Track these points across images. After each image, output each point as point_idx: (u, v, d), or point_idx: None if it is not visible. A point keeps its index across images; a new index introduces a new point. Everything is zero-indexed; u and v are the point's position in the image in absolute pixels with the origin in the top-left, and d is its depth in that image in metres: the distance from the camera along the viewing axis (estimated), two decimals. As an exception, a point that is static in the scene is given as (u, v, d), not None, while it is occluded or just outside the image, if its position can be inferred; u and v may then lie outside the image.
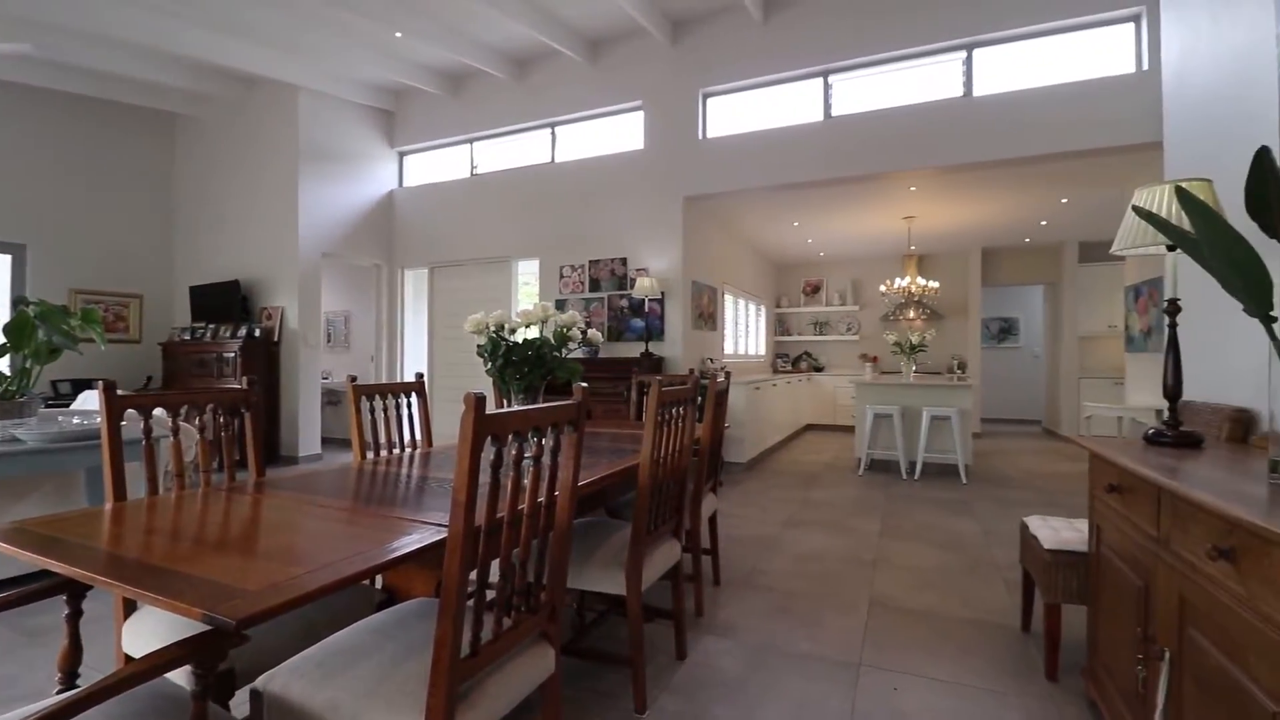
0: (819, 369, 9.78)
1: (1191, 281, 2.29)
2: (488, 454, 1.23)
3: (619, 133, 6.46)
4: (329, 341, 8.67)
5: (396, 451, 2.58)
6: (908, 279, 6.79)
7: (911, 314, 8.78)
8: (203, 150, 7.28)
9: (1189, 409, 2.25)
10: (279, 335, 6.54)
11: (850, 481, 5.52)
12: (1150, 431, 1.92)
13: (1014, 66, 4.90)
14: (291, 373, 6.50)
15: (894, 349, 6.47)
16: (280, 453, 6.52)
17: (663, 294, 6.02)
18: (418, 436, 2.79)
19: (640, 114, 6.23)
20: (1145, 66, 4.46)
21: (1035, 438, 8.68)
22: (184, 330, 6.95)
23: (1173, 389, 1.91)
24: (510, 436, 1.28)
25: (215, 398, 2.02)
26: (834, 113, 5.46)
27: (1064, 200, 6.14)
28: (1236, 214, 1.62)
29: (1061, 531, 2.25)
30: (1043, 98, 4.68)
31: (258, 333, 6.43)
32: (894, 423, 5.64)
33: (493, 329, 2.16)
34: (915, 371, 6.56)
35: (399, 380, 4.98)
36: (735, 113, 5.93)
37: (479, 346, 2.18)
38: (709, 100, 6.00)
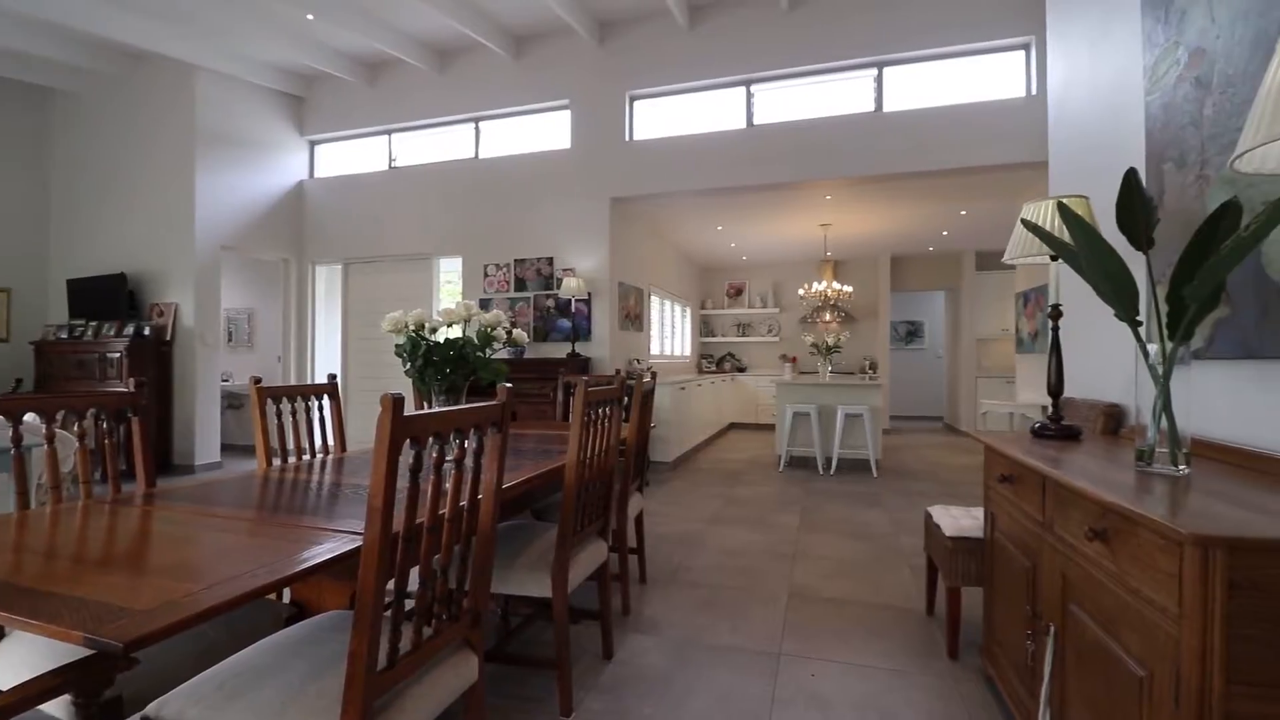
0: (742, 369, 10.05)
1: (1072, 289, 2.51)
2: (406, 457, 1.19)
3: (546, 131, 6.39)
4: (230, 341, 8.09)
5: (307, 458, 2.44)
6: (824, 283, 7.11)
7: (827, 317, 9.17)
8: (83, 130, 6.61)
9: (1070, 405, 2.46)
10: (172, 334, 6.04)
11: (771, 478, 5.71)
12: (1036, 426, 2.08)
13: (921, 85, 5.22)
14: (187, 375, 6.02)
15: (811, 350, 6.74)
16: (174, 462, 6.02)
17: (589, 294, 6.00)
18: (330, 442, 2.66)
19: (567, 113, 6.19)
20: (1034, 91, 4.87)
21: (938, 433, 9.28)
22: (60, 328, 6.29)
23: (1055, 387, 2.09)
24: (430, 439, 1.24)
25: (97, 401, 1.85)
26: (756, 121, 5.63)
27: (963, 212, 6.60)
28: (1110, 228, 1.79)
29: (960, 520, 2.42)
30: (945, 116, 5.02)
31: (147, 331, 5.91)
32: (811, 421, 5.88)
33: (412, 328, 2.09)
34: (831, 372, 6.86)
35: (310, 382, 4.71)
36: (662, 116, 6.01)
37: (397, 346, 2.10)
38: (636, 103, 6.04)
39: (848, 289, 7.11)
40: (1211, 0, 1.76)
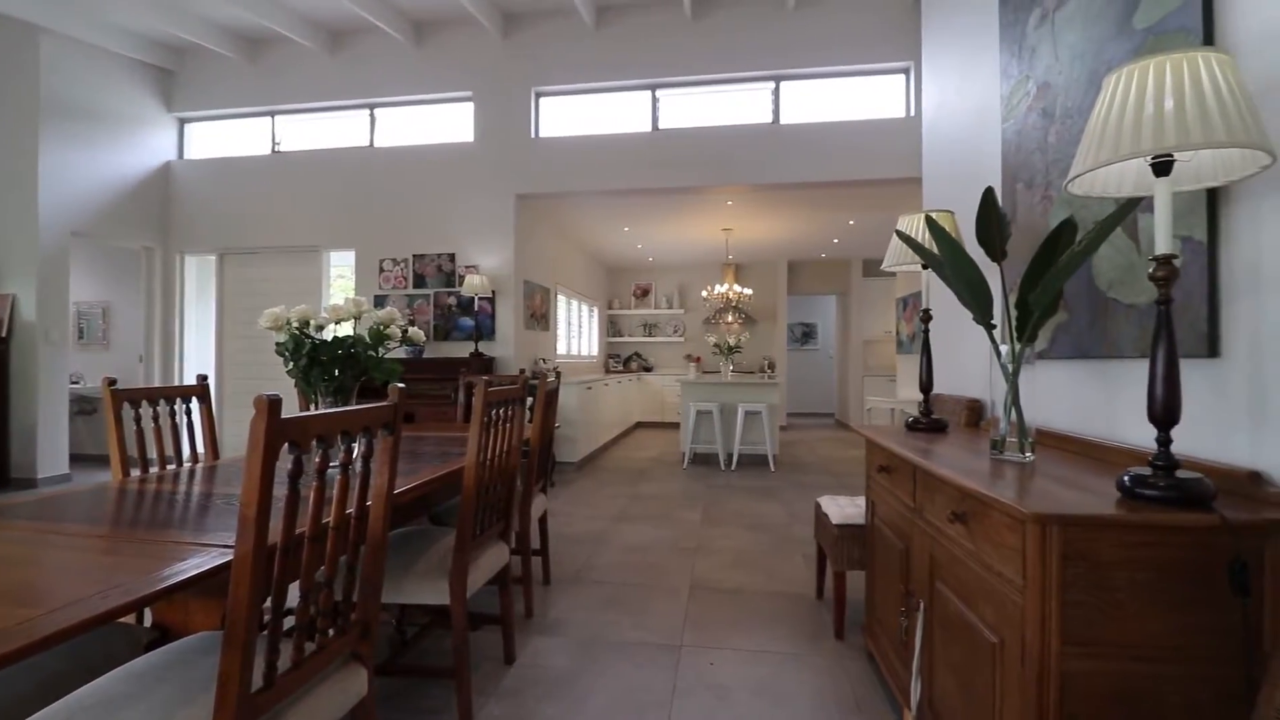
0: (648, 369, 10.19)
1: (942, 295, 2.75)
2: (286, 463, 1.11)
3: (447, 122, 6.18)
4: (80, 338, 7.21)
5: (173, 467, 2.22)
6: (726, 285, 7.36)
7: (729, 318, 9.48)
8: (-114, 90, 5.66)
9: (939, 400, 2.69)
10: (8, 330, 5.30)
11: (676, 475, 5.83)
12: (909, 420, 2.26)
13: (815, 101, 5.52)
14: (26, 376, 5.30)
15: (714, 350, 6.95)
16: (11, 475, 5.29)
17: (494, 292, 5.87)
18: (200, 449, 2.43)
19: (470, 105, 6.02)
20: (912, 112, 5.28)
21: (830, 429, 9.85)
22: None
23: (926, 383, 2.28)
24: (313, 443, 1.17)
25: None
26: (662, 125, 5.73)
27: (851, 222, 7.05)
28: (972, 240, 1.97)
29: (846, 508, 2.58)
30: (835, 131, 5.34)
31: (-26, 326, 5.15)
32: (713, 418, 6.06)
33: (295, 325, 1.95)
34: (732, 371, 7.12)
35: (177, 384, 4.29)
36: (569, 115, 5.98)
37: (278, 345, 1.96)
38: (542, 99, 5.98)
39: (748, 291, 7.41)
40: (1056, 40, 1.98)
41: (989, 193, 1.76)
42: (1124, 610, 1.09)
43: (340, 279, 6.63)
